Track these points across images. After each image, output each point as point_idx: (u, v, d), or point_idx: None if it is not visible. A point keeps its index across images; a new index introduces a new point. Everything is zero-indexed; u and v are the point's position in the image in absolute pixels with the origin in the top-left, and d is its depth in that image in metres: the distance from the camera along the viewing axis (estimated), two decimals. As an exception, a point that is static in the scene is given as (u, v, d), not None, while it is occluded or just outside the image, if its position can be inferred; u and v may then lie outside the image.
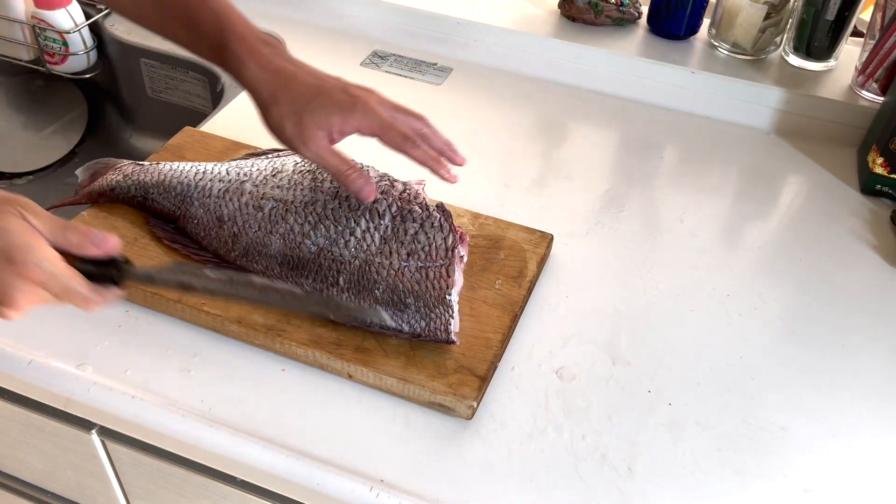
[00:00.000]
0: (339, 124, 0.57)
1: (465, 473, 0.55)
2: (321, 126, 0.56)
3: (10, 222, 0.48)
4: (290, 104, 0.56)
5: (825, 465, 0.58)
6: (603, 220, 0.78)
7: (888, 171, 0.82)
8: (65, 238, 0.50)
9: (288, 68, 0.58)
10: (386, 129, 0.58)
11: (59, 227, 0.50)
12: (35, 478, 0.76)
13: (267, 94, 0.57)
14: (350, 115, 0.57)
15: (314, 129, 0.56)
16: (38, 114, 1.22)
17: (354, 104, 0.57)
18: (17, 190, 1.17)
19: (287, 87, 0.57)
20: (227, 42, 0.58)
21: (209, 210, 0.67)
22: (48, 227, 0.50)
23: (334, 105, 0.56)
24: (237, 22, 0.59)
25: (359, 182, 0.58)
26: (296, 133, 0.57)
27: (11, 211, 0.49)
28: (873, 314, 0.70)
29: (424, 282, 0.60)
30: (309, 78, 0.58)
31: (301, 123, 0.56)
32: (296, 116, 0.56)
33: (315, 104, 0.56)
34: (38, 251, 0.49)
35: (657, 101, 0.96)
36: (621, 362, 0.64)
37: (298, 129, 0.56)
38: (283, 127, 0.57)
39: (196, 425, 0.57)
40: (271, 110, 0.57)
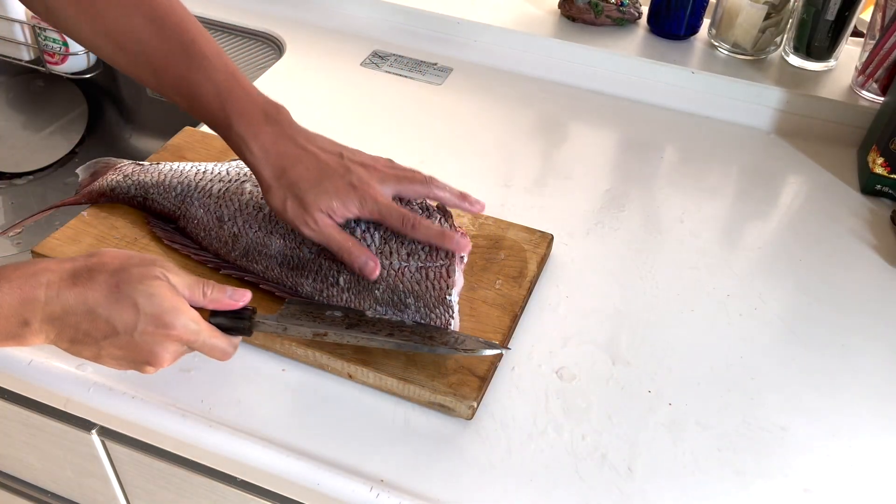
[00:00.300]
0: (340, 209, 0.58)
1: (465, 473, 0.55)
2: (322, 209, 0.58)
3: (158, 287, 0.51)
4: (291, 188, 0.58)
5: (825, 465, 0.58)
6: (603, 220, 0.78)
7: (888, 171, 0.82)
8: (202, 295, 0.54)
9: (290, 152, 0.59)
10: (385, 216, 0.59)
11: (196, 285, 0.53)
12: (35, 478, 0.76)
13: (269, 177, 0.59)
14: (349, 202, 0.58)
15: (315, 211, 0.58)
16: (38, 114, 1.22)
17: (353, 192, 0.58)
18: (17, 190, 1.17)
19: (288, 172, 0.58)
20: (230, 122, 0.58)
21: (209, 210, 0.67)
22: (186, 286, 0.53)
23: (335, 192, 0.58)
24: (239, 98, 0.59)
25: (362, 258, 0.59)
26: (297, 215, 0.58)
27: (157, 274, 0.51)
28: (873, 314, 0.70)
29: (424, 282, 0.60)
30: (311, 161, 0.59)
31: (302, 206, 0.58)
32: (297, 200, 0.58)
33: (316, 190, 0.58)
34: (185, 313, 0.52)
35: (657, 101, 0.96)
36: (621, 362, 0.64)
37: (300, 212, 0.58)
38: (285, 209, 0.59)
39: (196, 425, 0.57)
40: (274, 192, 0.59)
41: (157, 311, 0.50)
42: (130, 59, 0.60)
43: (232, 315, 0.55)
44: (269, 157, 0.58)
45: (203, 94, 0.59)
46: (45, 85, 1.22)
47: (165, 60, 0.59)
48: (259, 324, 0.56)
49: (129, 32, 0.59)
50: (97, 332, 0.50)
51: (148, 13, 0.59)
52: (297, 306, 0.60)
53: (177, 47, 0.59)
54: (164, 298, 0.51)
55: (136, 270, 0.51)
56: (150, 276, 0.51)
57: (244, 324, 0.55)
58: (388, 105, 0.93)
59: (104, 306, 0.50)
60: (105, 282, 0.50)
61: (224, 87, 0.58)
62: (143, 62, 0.59)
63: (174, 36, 0.59)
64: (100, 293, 0.50)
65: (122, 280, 0.50)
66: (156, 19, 0.59)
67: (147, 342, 0.51)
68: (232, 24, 1.07)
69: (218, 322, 0.54)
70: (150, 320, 0.50)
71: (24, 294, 0.49)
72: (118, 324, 0.50)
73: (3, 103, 1.21)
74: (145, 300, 0.50)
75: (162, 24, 0.59)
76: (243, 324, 0.55)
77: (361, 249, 0.59)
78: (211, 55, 0.59)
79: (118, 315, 0.50)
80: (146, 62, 0.59)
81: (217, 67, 0.59)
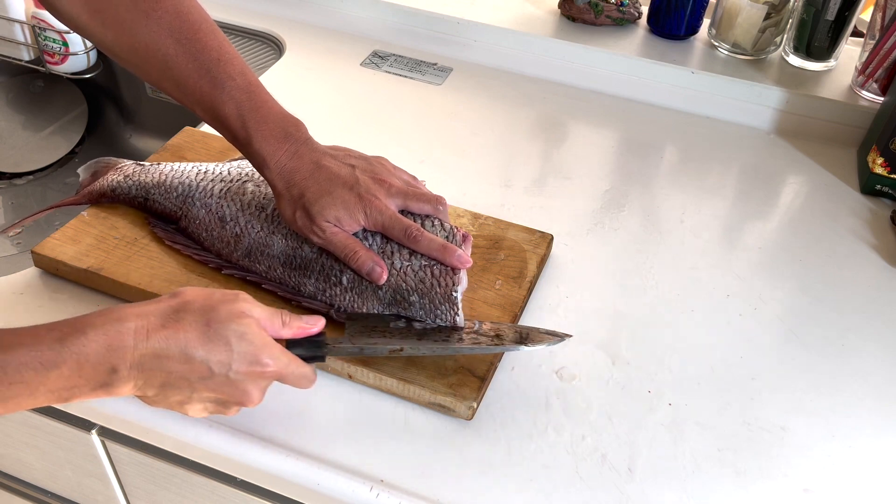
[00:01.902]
0: (346, 220, 0.60)
1: (465, 473, 0.55)
2: (329, 219, 0.60)
3: (248, 325, 0.51)
4: (301, 200, 0.60)
5: (825, 465, 0.58)
6: (603, 220, 0.78)
7: (888, 171, 0.82)
8: (281, 324, 0.54)
9: (303, 167, 0.61)
10: (388, 227, 0.61)
11: (276, 316, 0.54)
12: (35, 478, 0.76)
13: (282, 189, 0.61)
14: (355, 212, 0.60)
15: (322, 221, 0.60)
16: (38, 114, 1.22)
17: (359, 203, 0.60)
18: (17, 190, 1.17)
19: (299, 185, 0.61)
20: (250, 140, 0.61)
21: (211, 210, 0.67)
22: (267, 318, 0.53)
23: (341, 203, 0.60)
24: (260, 117, 0.61)
25: (369, 264, 0.60)
26: (306, 225, 0.61)
27: (244, 310, 0.52)
28: (873, 314, 0.70)
29: (430, 279, 0.60)
30: (321, 175, 0.61)
31: (310, 217, 0.60)
32: (305, 211, 0.60)
33: (322, 202, 0.60)
34: (274, 349, 0.52)
35: (657, 101, 0.96)
36: (621, 362, 0.64)
37: (308, 222, 0.60)
38: (294, 220, 0.61)
39: (196, 425, 0.57)
40: (285, 204, 0.61)
41: (251, 349, 0.51)
42: (155, 74, 0.61)
43: (308, 344, 0.55)
44: (284, 173, 0.61)
45: (226, 113, 0.60)
46: (45, 85, 1.22)
47: (190, 79, 0.60)
48: (334, 349, 0.56)
49: (155, 50, 0.60)
50: (192, 373, 0.50)
51: (175, 33, 0.60)
52: (360, 322, 0.59)
53: (202, 67, 0.60)
54: (256, 336, 0.51)
55: (223, 308, 0.51)
56: (238, 314, 0.51)
57: (321, 351, 0.56)
58: (388, 105, 0.93)
59: (199, 348, 0.49)
60: (195, 322, 0.50)
61: (246, 107, 0.60)
62: (167, 77, 0.61)
63: (200, 56, 0.60)
64: (192, 334, 0.49)
65: (213, 319, 0.50)
66: (182, 40, 0.60)
67: (241, 381, 0.51)
68: (232, 24, 1.07)
69: (296, 352, 0.54)
70: (245, 359, 0.50)
71: (110, 341, 0.48)
72: (213, 364, 0.50)
73: (3, 103, 1.21)
74: (237, 340, 0.50)
75: (188, 44, 0.60)
76: (321, 351, 0.56)
77: (369, 255, 0.60)
78: (235, 74, 0.61)
79: (214, 356, 0.50)
80: (170, 77, 0.61)
81: (240, 87, 0.60)
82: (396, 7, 1.03)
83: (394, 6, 1.03)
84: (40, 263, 0.68)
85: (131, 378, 0.49)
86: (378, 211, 0.61)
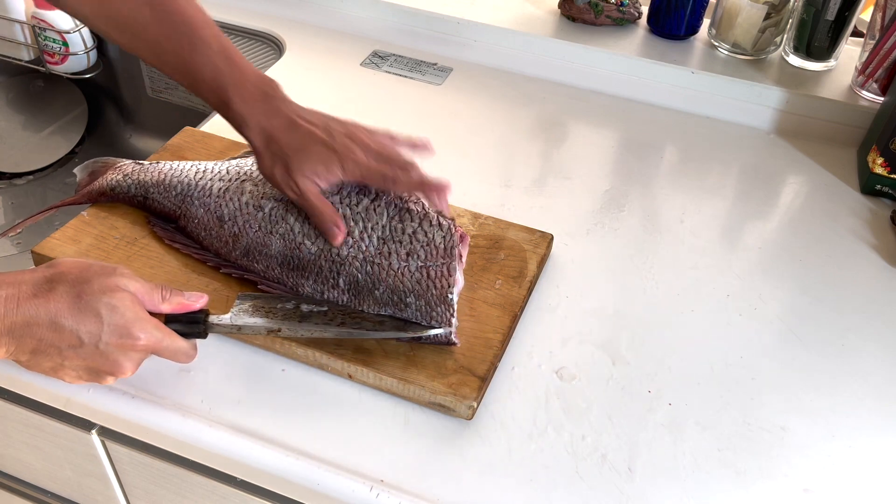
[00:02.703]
0: (323, 173, 0.62)
1: (465, 473, 0.55)
2: (306, 174, 0.61)
3: (120, 299, 0.52)
4: (279, 155, 0.62)
5: (825, 465, 0.58)
6: (603, 220, 0.78)
7: (888, 171, 0.82)
8: (161, 299, 0.55)
9: (281, 124, 0.63)
10: (366, 176, 0.63)
11: (155, 291, 0.55)
12: (35, 478, 0.76)
13: (261, 146, 0.63)
14: (332, 165, 0.62)
15: (299, 175, 0.61)
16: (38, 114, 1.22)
17: (335, 156, 0.62)
18: (17, 190, 1.17)
19: (278, 141, 0.62)
20: (229, 102, 0.62)
21: (210, 209, 0.67)
22: (145, 292, 0.55)
23: (318, 159, 0.62)
24: (236, 79, 0.62)
25: (328, 224, 0.62)
26: (284, 179, 0.62)
27: (118, 284, 0.53)
28: (873, 314, 0.70)
29: (426, 281, 0.60)
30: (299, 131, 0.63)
31: (288, 171, 0.62)
32: (283, 165, 0.62)
33: (300, 156, 0.62)
34: (147, 323, 0.53)
35: (657, 101, 0.96)
36: (621, 362, 0.64)
37: (286, 176, 0.62)
38: (273, 174, 0.63)
39: (196, 425, 0.57)
40: (264, 159, 0.63)
41: (122, 322, 0.52)
42: (132, 40, 0.63)
43: (187, 320, 0.57)
44: (263, 131, 0.62)
45: (203, 77, 0.62)
46: (45, 85, 1.22)
47: (167, 44, 0.62)
48: (213, 325, 0.58)
49: (132, 18, 0.62)
50: (62, 342, 0.51)
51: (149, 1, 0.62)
52: (249, 302, 0.61)
53: (178, 33, 0.62)
54: (128, 309, 0.52)
55: (97, 281, 0.52)
56: (112, 287, 0.52)
57: (199, 328, 0.57)
58: (388, 105, 0.93)
59: (68, 317, 0.51)
60: (66, 292, 0.51)
61: (222, 70, 0.62)
62: (143, 45, 0.63)
63: (175, 22, 0.62)
64: (63, 304, 0.51)
65: (85, 291, 0.52)
66: (157, 7, 0.62)
67: (112, 352, 0.52)
68: (232, 24, 1.07)
69: (174, 328, 0.56)
70: (115, 331, 0.52)
71: None
72: (83, 334, 0.51)
73: (3, 103, 1.21)
74: (108, 312, 0.52)
75: (164, 11, 0.62)
76: (198, 328, 0.57)
77: (333, 216, 0.62)
78: (210, 39, 0.62)
79: (83, 326, 0.51)
80: (147, 45, 0.63)
81: (216, 50, 0.62)
82: (396, 7, 1.03)
83: (394, 6, 1.03)
84: (40, 263, 0.68)
85: (2, 344, 0.51)
86: (355, 163, 0.62)
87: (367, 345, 0.60)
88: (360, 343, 0.61)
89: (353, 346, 0.60)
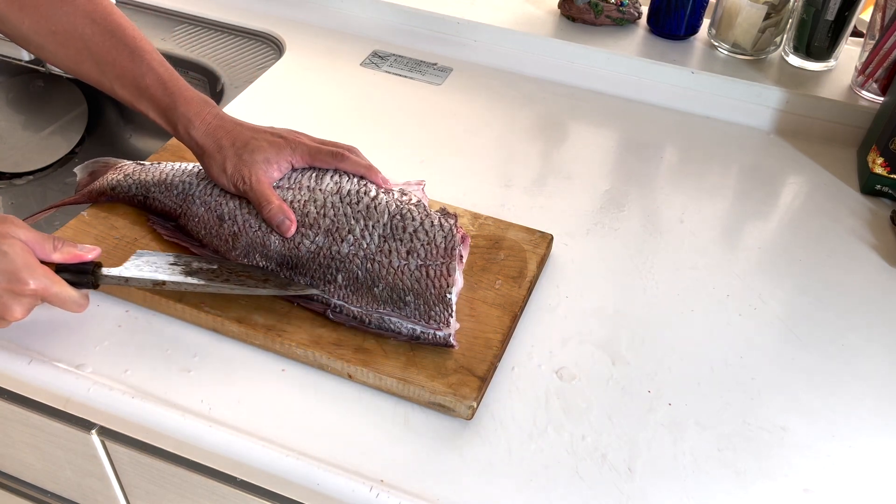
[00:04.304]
0: (276, 160, 0.65)
1: (465, 473, 0.55)
2: (257, 162, 0.64)
3: (11, 245, 0.55)
4: (232, 148, 0.65)
5: (825, 465, 0.58)
6: (603, 220, 0.78)
7: (888, 171, 0.82)
8: (52, 249, 0.58)
9: (228, 127, 0.66)
10: (315, 154, 0.67)
11: (47, 240, 0.58)
12: (35, 478, 0.76)
13: (212, 148, 0.65)
14: (282, 150, 0.66)
15: (251, 164, 0.64)
16: (38, 114, 1.22)
17: (284, 142, 0.66)
18: (17, 190, 1.17)
19: (229, 136, 0.66)
20: (175, 105, 0.66)
21: (210, 208, 0.67)
22: (36, 241, 0.57)
23: (269, 145, 0.65)
24: (181, 86, 0.66)
25: (279, 216, 0.63)
26: (234, 170, 0.65)
27: (8, 232, 0.56)
28: (873, 314, 0.70)
29: (425, 280, 0.60)
30: (246, 131, 0.66)
31: (241, 162, 0.64)
32: (236, 157, 0.65)
33: (252, 146, 0.65)
34: (36, 269, 0.56)
35: (657, 101, 0.96)
36: (621, 362, 0.64)
37: (237, 169, 0.65)
38: (224, 170, 0.65)
39: (196, 425, 0.57)
40: (215, 157, 0.65)
41: (10, 267, 0.54)
42: (74, 55, 0.66)
43: (76, 270, 0.59)
44: (211, 132, 0.66)
45: (148, 83, 0.66)
46: (45, 85, 1.22)
47: (109, 56, 0.65)
48: (103, 277, 0.60)
49: (73, 31, 0.65)
50: None
51: (91, 14, 0.65)
52: (144, 258, 0.63)
53: (120, 45, 0.65)
54: (18, 255, 0.55)
55: None
56: (2, 234, 0.55)
57: (88, 278, 0.59)
58: (388, 105, 0.93)
59: None
60: None
61: (166, 77, 0.66)
62: (86, 58, 0.66)
63: (117, 36, 0.66)
64: None
65: None
66: (98, 20, 0.65)
67: (1, 296, 0.55)
68: (232, 24, 1.07)
69: (64, 277, 0.58)
70: (4, 276, 0.54)
71: None
72: None
73: (3, 103, 1.21)
74: None
75: (104, 24, 0.65)
76: (87, 278, 0.59)
77: (281, 207, 0.64)
78: (150, 51, 0.67)
79: None
80: (90, 57, 0.66)
81: (158, 62, 0.66)
82: (396, 7, 1.03)
83: (394, 6, 1.03)
84: (40, 263, 0.68)
85: None
86: (302, 145, 0.66)
87: (366, 344, 0.60)
88: (361, 343, 0.61)
89: (353, 346, 0.60)
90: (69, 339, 0.62)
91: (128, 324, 0.64)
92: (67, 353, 0.61)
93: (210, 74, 1.02)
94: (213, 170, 0.66)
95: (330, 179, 0.66)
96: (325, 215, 0.64)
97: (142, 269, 0.61)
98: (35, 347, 0.62)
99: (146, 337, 0.63)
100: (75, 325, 0.63)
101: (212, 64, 1.01)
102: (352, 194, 0.64)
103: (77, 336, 0.63)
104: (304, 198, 0.65)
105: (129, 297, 0.65)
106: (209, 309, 0.62)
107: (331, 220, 0.63)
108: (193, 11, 1.09)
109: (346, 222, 0.63)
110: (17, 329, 0.62)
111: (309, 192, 0.65)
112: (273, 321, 0.62)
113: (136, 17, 1.10)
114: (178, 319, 0.64)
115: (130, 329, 0.64)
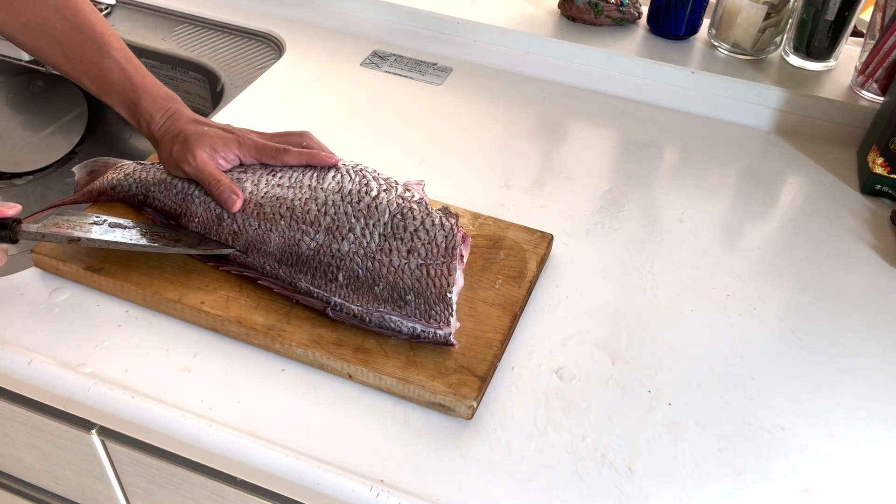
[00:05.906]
0: (222, 150, 0.68)
1: (465, 473, 0.55)
2: (205, 149, 0.67)
3: None
4: (181, 135, 0.68)
5: (825, 465, 0.58)
6: (603, 220, 0.78)
7: (888, 171, 0.82)
8: None
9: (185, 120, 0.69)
10: (261, 150, 0.69)
11: None
12: (35, 478, 0.76)
13: (166, 135, 0.69)
14: (229, 143, 0.68)
15: (199, 149, 0.67)
16: (38, 114, 1.22)
17: (233, 136, 0.69)
18: (17, 190, 1.17)
19: (183, 130, 0.68)
20: (138, 100, 0.69)
21: (210, 208, 0.67)
22: None
23: (218, 137, 0.68)
24: (145, 82, 0.70)
25: (227, 192, 0.66)
26: (181, 154, 0.67)
27: None
28: (873, 314, 0.70)
29: (425, 279, 0.60)
30: (202, 122, 0.70)
31: (186, 146, 0.67)
32: (183, 143, 0.67)
33: (201, 134, 0.68)
34: None
35: (657, 101, 0.96)
36: (621, 362, 0.64)
37: (183, 152, 0.67)
38: (171, 154, 0.68)
39: (196, 425, 0.57)
40: (165, 144, 0.68)
41: None
42: (45, 47, 0.69)
43: None
44: (167, 125, 0.69)
45: (113, 78, 0.69)
46: (45, 85, 1.22)
47: (78, 51, 0.68)
48: (20, 231, 0.62)
49: (47, 27, 0.68)
50: None
51: (61, 10, 0.68)
52: (65, 216, 0.65)
53: (88, 40, 0.68)
54: None
55: None
56: None
57: (5, 232, 0.61)
58: (388, 105, 0.93)
59: None
60: None
61: (130, 74, 0.69)
62: (56, 51, 0.69)
63: (86, 32, 0.68)
64: None
65: None
66: (68, 16, 0.68)
67: None
68: (232, 24, 1.07)
69: None
70: None
71: None
72: None
73: (3, 103, 1.21)
74: None
75: (74, 19, 0.68)
76: (6, 232, 0.61)
77: (230, 186, 0.66)
78: (118, 48, 0.69)
79: None
80: (59, 50, 0.69)
81: (125, 58, 0.69)
82: (396, 7, 1.03)
83: (394, 6, 1.03)
84: (40, 263, 0.68)
85: None
86: (250, 139, 0.69)
87: (366, 344, 0.61)
88: (360, 342, 0.61)
89: (353, 346, 0.60)
90: (69, 339, 0.62)
91: (128, 324, 0.64)
92: (67, 353, 0.61)
93: (210, 74, 1.02)
94: (163, 155, 0.69)
95: (332, 179, 0.66)
96: (325, 213, 0.64)
97: (59, 226, 0.63)
98: (35, 347, 0.62)
99: (146, 337, 0.63)
100: (75, 325, 0.63)
101: (212, 64, 1.01)
102: (353, 193, 0.64)
103: (77, 336, 0.63)
104: (305, 196, 0.65)
105: (129, 296, 0.65)
106: (209, 309, 0.62)
107: (331, 219, 0.63)
108: (193, 11, 1.09)
109: (346, 221, 0.63)
110: (17, 329, 0.62)
111: (310, 190, 0.65)
112: (273, 321, 0.62)
113: (136, 17, 1.10)
114: (179, 319, 0.64)
115: (130, 329, 0.64)
